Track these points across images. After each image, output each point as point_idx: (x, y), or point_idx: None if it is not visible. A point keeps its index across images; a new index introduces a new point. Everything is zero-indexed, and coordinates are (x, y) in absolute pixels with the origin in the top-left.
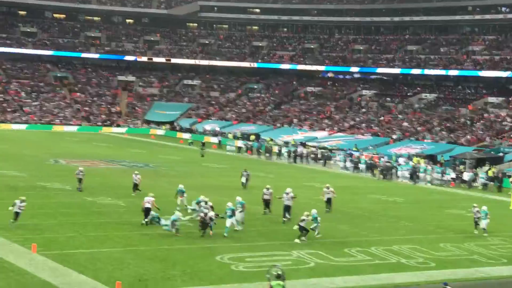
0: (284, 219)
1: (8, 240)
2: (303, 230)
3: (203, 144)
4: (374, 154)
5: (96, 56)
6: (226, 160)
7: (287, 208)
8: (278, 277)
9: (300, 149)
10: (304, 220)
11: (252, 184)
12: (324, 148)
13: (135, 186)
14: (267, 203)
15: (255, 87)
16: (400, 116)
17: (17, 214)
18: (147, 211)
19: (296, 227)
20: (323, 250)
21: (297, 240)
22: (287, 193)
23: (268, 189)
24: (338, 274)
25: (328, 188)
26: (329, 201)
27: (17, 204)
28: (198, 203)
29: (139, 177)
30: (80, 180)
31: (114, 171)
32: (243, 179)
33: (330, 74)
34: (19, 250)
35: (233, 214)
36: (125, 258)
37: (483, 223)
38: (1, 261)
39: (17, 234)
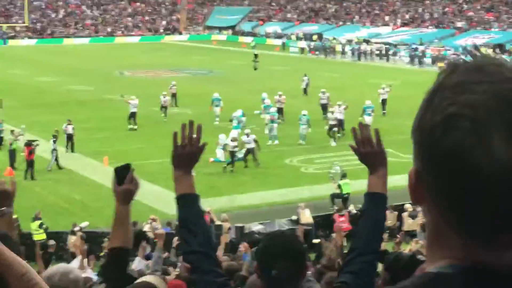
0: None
1: (81, 155)
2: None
3: (256, 56)
4: (440, 47)
5: None
6: (290, 61)
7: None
8: (344, 176)
9: (363, 46)
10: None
11: (318, 84)
12: (388, 43)
13: (165, 108)
14: (324, 108)
15: None
16: (465, 5)
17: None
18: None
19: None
20: (392, 147)
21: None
22: (339, 105)
23: (324, 93)
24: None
25: (383, 89)
26: (384, 101)
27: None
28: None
29: (167, 98)
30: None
31: (179, 79)
32: (303, 84)
33: None
34: (92, 164)
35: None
36: (196, 167)
37: None
38: (78, 175)
39: (89, 148)
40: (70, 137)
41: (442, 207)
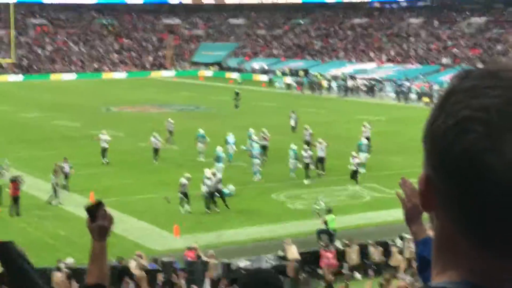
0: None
1: (67, 191)
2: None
3: (237, 94)
4: (424, 83)
5: (141, 1)
6: (276, 97)
7: (320, 160)
8: (329, 211)
9: (350, 82)
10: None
11: (304, 119)
12: (374, 79)
13: (156, 152)
14: (307, 143)
15: (301, 22)
16: (449, 42)
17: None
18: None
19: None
20: (378, 183)
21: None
22: (320, 143)
23: (307, 129)
24: (395, 206)
25: (365, 126)
26: (367, 139)
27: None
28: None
29: (158, 140)
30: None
31: (166, 115)
32: (292, 122)
33: (376, 4)
34: (77, 200)
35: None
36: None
37: None
38: (63, 211)
39: (74, 184)
40: (66, 176)
41: (453, 213)
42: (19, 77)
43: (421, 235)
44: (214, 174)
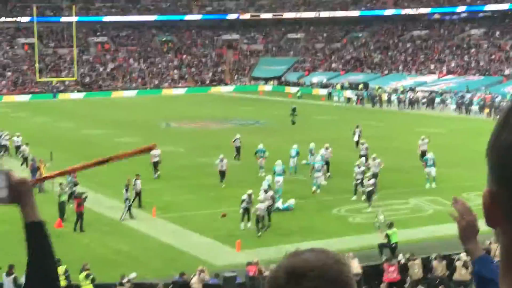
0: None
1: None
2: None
3: (294, 109)
4: (486, 94)
5: (199, 17)
6: (336, 111)
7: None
8: (391, 225)
9: (410, 95)
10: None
11: (364, 133)
12: (434, 91)
13: (222, 175)
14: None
15: (360, 35)
16: None
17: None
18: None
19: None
20: (441, 196)
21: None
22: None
23: (363, 143)
24: None
25: (423, 139)
26: (424, 153)
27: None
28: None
29: (225, 162)
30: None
31: (225, 130)
32: (356, 137)
33: (436, 16)
34: (140, 215)
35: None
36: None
37: None
38: (126, 227)
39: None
40: (138, 194)
41: None
42: (81, 95)
43: (477, 253)
44: (250, 196)
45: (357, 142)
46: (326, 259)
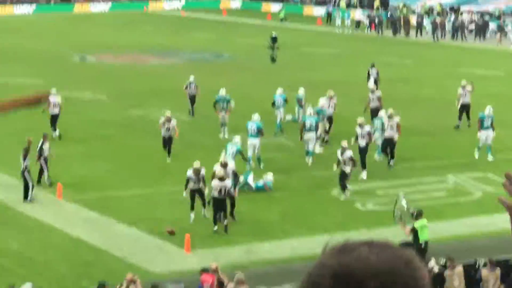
0: None
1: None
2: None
3: (274, 39)
4: None
5: None
6: (339, 41)
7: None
8: (418, 215)
9: (451, 18)
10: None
11: (383, 75)
12: (488, 13)
13: (168, 143)
14: (375, 112)
15: None
16: None
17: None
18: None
19: None
20: (495, 171)
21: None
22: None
23: (373, 91)
24: None
25: (464, 88)
26: (465, 107)
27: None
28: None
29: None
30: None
31: (170, 68)
32: (371, 82)
33: None
34: (38, 195)
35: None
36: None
37: None
38: (16, 214)
39: (34, 171)
40: (45, 160)
41: None
42: None
43: None
44: (197, 171)
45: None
46: (394, 260)
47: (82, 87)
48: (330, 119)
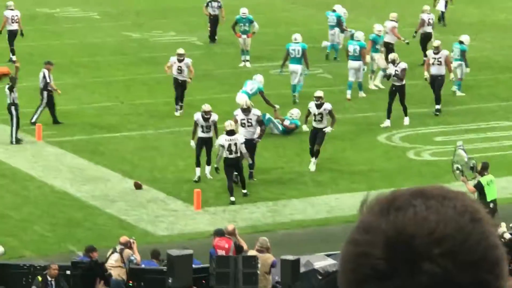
0: None
1: None
2: None
3: None
4: None
5: None
6: None
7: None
8: (484, 168)
9: None
10: None
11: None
12: None
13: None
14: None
15: None
16: None
17: None
18: None
19: None
20: None
21: None
22: None
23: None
24: None
25: None
26: None
27: None
28: None
29: None
30: None
31: None
32: (441, 4)
33: None
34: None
35: None
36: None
37: None
38: None
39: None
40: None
41: None
42: None
43: None
44: (206, 114)
45: (442, 15)
46: (459, 216)
47: (70, 2)
48: (388, 48)
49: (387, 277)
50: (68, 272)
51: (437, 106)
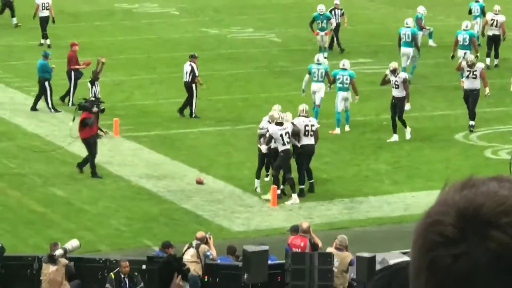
0: None
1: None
2: None
3: None
4: None
5: None
6: None
7: None
8: None
9: None
10: None
11: None
12: None
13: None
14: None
15: None
16: None
17: None
18: None
19: None
20: None
21: None
22: None
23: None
24: None
25: None
26: None
27: None
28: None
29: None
30: None
31: None
32: None
33: None
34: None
35: None
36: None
37: None
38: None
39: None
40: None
41: None
42: None
43: None
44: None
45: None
46: None
47: None
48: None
49: (454, 243)
50: (144, 266)
51: (471, 122)
